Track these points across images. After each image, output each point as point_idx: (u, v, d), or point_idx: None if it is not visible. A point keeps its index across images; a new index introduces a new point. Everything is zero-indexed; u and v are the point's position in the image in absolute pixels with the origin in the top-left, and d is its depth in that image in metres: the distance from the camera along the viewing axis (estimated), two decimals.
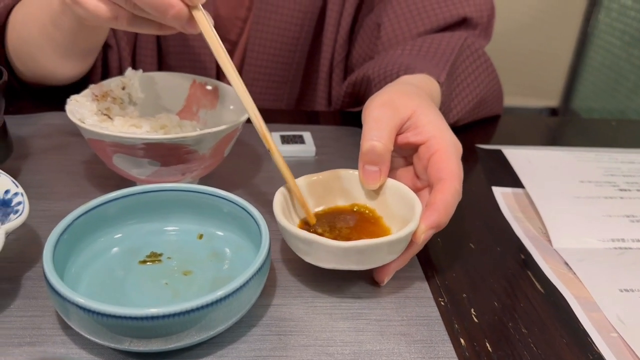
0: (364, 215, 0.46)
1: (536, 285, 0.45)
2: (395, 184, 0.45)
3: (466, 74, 0.67)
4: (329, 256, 0.39)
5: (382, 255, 0.40)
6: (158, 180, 0.48)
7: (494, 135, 0.72)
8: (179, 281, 0.40)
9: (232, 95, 0.55)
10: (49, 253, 0.36)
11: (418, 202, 0.42)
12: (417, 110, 0.46)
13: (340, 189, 0.47)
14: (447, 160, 0.43)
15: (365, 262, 0.39)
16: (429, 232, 0.41)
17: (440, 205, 0.41)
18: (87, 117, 0.47)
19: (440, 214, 0.41)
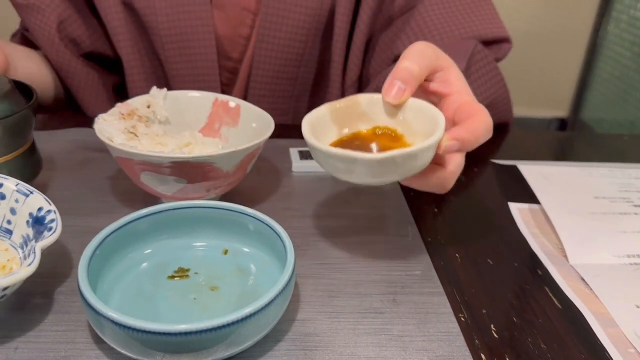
0: (387, 136, 0.46)
1: (554, 301, 0.46)
2: (416, 102, 0.45)
3: (477, 75, 0.69)
4: (365, 170, 0.40)
5: (414, 164, 0.41)
6: (183, 196, 0.50)
7: (507, 149, 0.73)
8: (206, 296, 0.41)
9: (254, 112, 0.56)
10: (83, 269, 0.38)
11: (441, 114, 0.43)
12: (450, 67, 0.47)
13: (361, 114, 0.47)
14: (477, 106, 0.45)
15: (398, 173, 0.41)
16: (452, 142, 0.42)
17: (469, 126, 0.42)
18: (115, 136, 0.49)
19: (466, 131, 0.42)
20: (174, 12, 0.72)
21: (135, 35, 0.75)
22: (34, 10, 0.73)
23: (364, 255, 0.49)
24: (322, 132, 0.46)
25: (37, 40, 0.76)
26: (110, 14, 0.74)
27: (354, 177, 0.42)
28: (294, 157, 0.63)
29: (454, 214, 0.56)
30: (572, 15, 2.16)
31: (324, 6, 0.75)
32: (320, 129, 0.46)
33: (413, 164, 0.41)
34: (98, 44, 0.78)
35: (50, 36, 0.74)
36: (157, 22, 0.72)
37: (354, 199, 0.58)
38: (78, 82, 0.77)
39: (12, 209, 0.44)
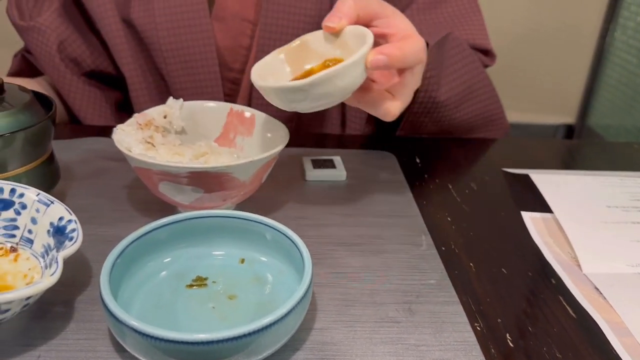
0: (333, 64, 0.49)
1: (568, 310, 0.46)
2: (355, 28, 0.49)
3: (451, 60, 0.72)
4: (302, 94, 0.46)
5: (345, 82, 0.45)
6: (200, 206, 0.50)
7: (518, 158, 0.73)
8: (225, 305, 0.42)
9: (269, 122, 0.57)
10: (105, 278, 0.38)
11: (369, 32, 0.47)
12: (395, 14, 0.51)
13: (312, 52, 0.51)
14: (414, 33, 0.49)
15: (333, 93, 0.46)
16: (379, 57, 0.46)
17: (397, 43, 0.47)
18: (133, 146, 0.50)
19: (394, 47, 0.46)
20: (174, 26, 0.73)
21: (137, 52, 0.77)
22: (34, 32, 0.74)
23: (379, 264, 0.49)
24: (278, 75, 0.49)
25: (38, 61, 0.77)
26: (110, 32, 0.75)
27: (300, 105, 0.47)
28: (307, 166, 0.64)
29: (467, 223, 0.57)
30: (578, 22, 2.17)
31: (322, 13, 0.75)
32: (276, 73, 0.50)
33: (344, 81, 0.45)
34: (99, 61, 0.79)
35: (51, 57, 0.75)
36: (158, 37, 0.73)
37: (368, 208, 0.58)
38: (80, 101, 0.78)
39: (33, 219, 0.45)
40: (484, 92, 0.76)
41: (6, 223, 0.45)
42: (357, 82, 0.47)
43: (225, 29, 0.76)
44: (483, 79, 0.76)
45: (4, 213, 0.45)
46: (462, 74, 0.73)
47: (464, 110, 0.75)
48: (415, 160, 0.69)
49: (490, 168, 0.69)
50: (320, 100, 0.47)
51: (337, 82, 0.45)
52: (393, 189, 0.62)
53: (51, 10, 0.75)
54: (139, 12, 0.73)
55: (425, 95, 0.70)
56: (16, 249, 0.45)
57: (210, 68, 0.75)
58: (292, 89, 0.46)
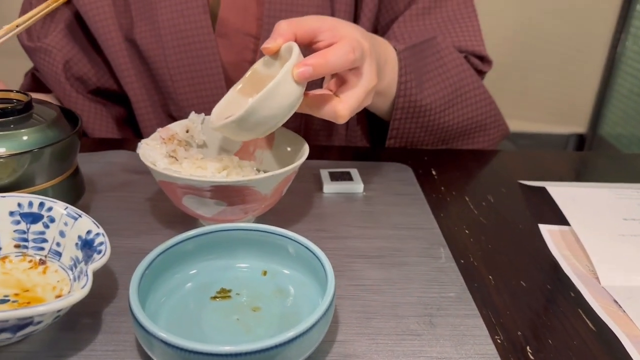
0: None
1: (587, 323, 0.46)
2: (287, 45, 0.51)
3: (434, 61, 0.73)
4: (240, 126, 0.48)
5: (276, 103, 0.47)
6: (222, 219, 0.51)
7: (533, 170, 0.73)
8: (249, 317, 0.43)
9: (288, 136, 0.58)
10: (134, 290, 0.39)
11: (295, 46, 0.49)
12: (338, 23, 0.53)
13: (263, 78, 0.53)
14: (344, 35, 0.51)
15: (270, 118, 0.48)
16: (303, 69, 0.48)
17: (321, 52, 0.49)
18: (157, 160, 0.51)
19: (316, 56, 0.49)
20: (180, 44, 0.75)
21: (140, 71, 0.79)
22: (41, 52, 0.77)
23: (399, 277, 0.50)
24: (239, 109, 0.50)
25: (45, 80, 0.80)
26: (114, 52, 0.77)
27: (255, 132, 0.50)
28: (325, 179, 0.65)
29: (485, 235, 0.57)
30: (590, 31, 2.17)
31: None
32: (239, 106, 0.51)
33: (278, 101, 0.47)
34: (104, 79, 0.81)
35: (57, 76, 0.78)
36: (165, 55, 0.75)
37: (385, 220, 0.59)
38: (87, 118, 0.81)
39: (61, 232, 0.46)
40: (474, 95, 0.77)
41: (35, 236, 0.46)
42: (294, 96, 0.48)
43: (229, 44, 0.77)
44: (472, 82, 0.76)
45: (33, 226, 0.46)
46: (447, 77, 0.74)
47: (453, 114, 0.75)
48: (432, 172, 0.70)
49: (506, 180, 0.69)
50: (268, 122, 0.49)
51: (272, 104, 0.47)
52: (410, 201, 0.63)
53: (57, 31, 0.78)
54: (143, 31, 0.76)
55: (405, 100, 0.71)
56: (45, 262, 0.46)
57: (216, 83, 0.77)
58: (234, 123, 0.48)
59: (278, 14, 0.74)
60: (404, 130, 0.75)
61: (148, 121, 0.81)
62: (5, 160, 0.47)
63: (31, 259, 0.46)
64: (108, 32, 0.76)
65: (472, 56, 0.79)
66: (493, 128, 0.81)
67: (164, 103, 0.80)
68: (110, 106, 0.84)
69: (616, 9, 2.15)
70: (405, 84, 0.70)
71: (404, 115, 0.73)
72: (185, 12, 0.74)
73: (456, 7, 0.79)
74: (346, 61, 0.50)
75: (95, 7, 0.75)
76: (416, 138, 0.77)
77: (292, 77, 0.48)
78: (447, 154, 0.76)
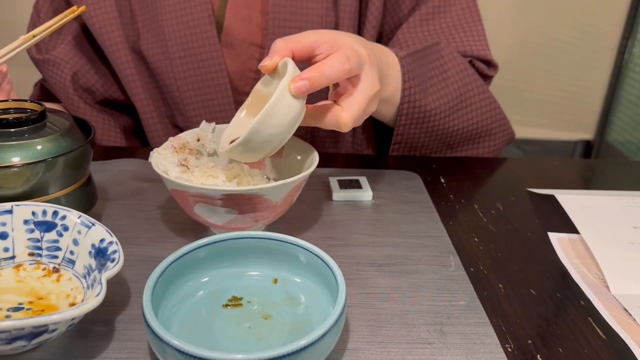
0: None
1: (598, 331, 0.46)
2: (283, 61, 0.51)
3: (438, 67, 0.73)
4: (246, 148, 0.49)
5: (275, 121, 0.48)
6: (233, 227, 0.52)
7: (542, 178, 0.73)
8: (260, 325, 0.43)
9: (298, 145, 0.58)
10: (147, 298, 0.39)
11: (290, 62, 0.50)
12: (337, 35, 0.53)
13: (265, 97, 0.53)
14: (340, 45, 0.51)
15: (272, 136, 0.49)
16: (299, 84, 0.48)
17: (315, 65, 0.50)
18: (170, 169, 0.51)
19: (311, 70, 0.49)
20: (187, 54, 0.76)
21: (147, 82, 0.80)
22: (49, 64, 0.79)
23: (409, 285, 0.50)
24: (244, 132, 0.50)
25: (53, 91, 0.81)
26: (121, 64, 0.78)
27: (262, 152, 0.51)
28: (334, 186, 0.65)
29: (495, 243, 0.57)
30: (597, 38, 2.17)
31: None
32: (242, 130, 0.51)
33: (279, 118, 0.48)
34: (112, 90, 0.83)
35: (65, 87, 0.79)
36: (172, 66, 0.77)
37: (394, 228, 0.59)
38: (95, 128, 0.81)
39: (75, 240, 0.46)
40: (479, 99, 0.77)
41: (49, 244, 0.47)
42: (294, 111, 0.49)
43: (235, 54, 0.78)
44: (477, 87, 0.76)
45: (47, 235, 0.47)
46: (451, 82, 0.74)
47: (458, 119, 0.75)
48: (440, 180, 0.70)
49: (515, 188, 0.70)
50: (273, 140, 0.49)
51: (273, 122, 0.48)
52: (419, 209, 0.63)
53: (65, 43, 0.79)
54: (150, 43, 0.77)
55: (409, 105, 0.71)
56: (59, 270, 0.47)
57: (222, 93, 0.78)
58: (239, 146, 0.49)
59: (282, 24, 0.75)
60: (409, 135, 0.75)
61: (155, 131, 0.82)
62: (19, 169, 0.48)
63: (45, 267, 0.47)
64: (115, 43, 0.77)
65: (477, 60, 0.79)
66: (498, 133, 0.80)
67: (170, 114, 0.81)
68: (118, 116, 0.85)
69: (623, 15, 2.15)
70: (409, 89, 0.70)
71: (408, 121, 0.73)
72: (191, 24, 0.75)
73: (460, 13, 0.79)
74: (342, 70, 0.50)
75: (102, 20, 0.77)
76: (421, 143, 0.77)
77: (290, 92, 0.48)
78: (456, 161, 0.76)
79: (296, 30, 0.76)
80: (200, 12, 0.75)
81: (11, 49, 0.59)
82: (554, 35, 2.14)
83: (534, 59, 2.17)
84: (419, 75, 0.71)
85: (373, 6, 0.76)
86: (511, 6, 2.06)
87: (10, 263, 0.47)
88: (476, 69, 0.79)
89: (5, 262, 0.47)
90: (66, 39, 0.80)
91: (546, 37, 2.14)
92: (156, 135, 0.83)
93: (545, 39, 2.14)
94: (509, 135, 0.82)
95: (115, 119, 0.85)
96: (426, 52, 0.73)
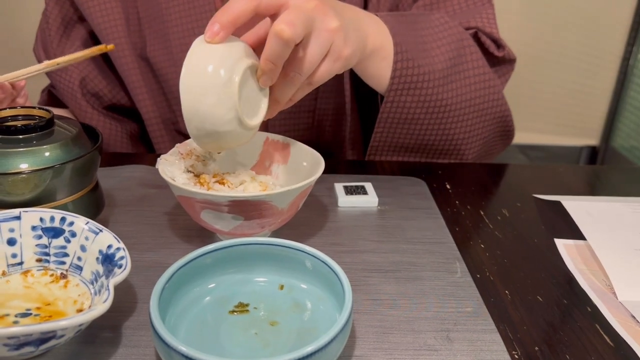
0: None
1: (605, 338, 0.46)
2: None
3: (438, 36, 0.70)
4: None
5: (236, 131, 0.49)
6: (239, 233, 0.52)
7: (548, 184, 0.73)
8: (267, 331, 0.43)
9: (304, 151, 0.58)
10: (155, 304, 0.39)
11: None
12: None
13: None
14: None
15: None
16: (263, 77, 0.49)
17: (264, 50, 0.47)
18: (177, 175, 0.51)
19: (262, 56, 0.48)
20: None
21: (153, 89, 0.81)
22: (58, 70, 0.80)
23: (415, 291, 0.50)
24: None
25: (61, 96, 0.82)
26: (127, 70, 0.80)
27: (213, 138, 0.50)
28: (340, 192, 0.65)
29: (501, 250, 0.57)
30: (601, 44, 2.17)
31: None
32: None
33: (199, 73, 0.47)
34: (119, 96, 0.84)
35: (73, 92, 0.80)
36: (178, 72, 0.76)
37: (400, 234, 0.59)
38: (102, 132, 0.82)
39: (82, 246, 0.47)
40: (475, 74, 0.72)
41: (56, 250, 0.47)
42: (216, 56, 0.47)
43: None
44: (474, 60, 0.72)
45: (55, 241, 0.47)
46: (446, 51, 0.70)
47: (451, 92, 0.70)
48: (446, 186, 0.70)
49: (521, 194, 0.69)
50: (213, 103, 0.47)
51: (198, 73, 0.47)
52: (425, 215, 0.63)
53: (73, 49, 0.80)
54: (156, 50, 0.78)
55: (403, 65, 0.66)
56: (66, 276, 0.47)
57: None
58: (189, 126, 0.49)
59: None
60: (400, 103, 0.69)
61: (160, 137, 0.83)
62: (27, 175, 0.48)
63: (52, 273, 0.47)
64: (121, 50, 0.78)
65: (483, 35, 0.75)
66: (495, 118, 0.76)
67: (175, 120, 0.82)
68: (125, 122, 0.86)
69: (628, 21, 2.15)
70: (401, 45, 0.65)
71: (401, 85, 0.67)
72: (197, 31, 0.76)
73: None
74: (280, 44, 0.47)
75: (109, 27, 0.78)
76: (411, 115, 0.71)
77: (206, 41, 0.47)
78: (461, 167, 0.76)
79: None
80: (206, 19, 0.75)
81: (34, 70, 0.63)
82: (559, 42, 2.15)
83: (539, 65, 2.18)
84: (408, 33, 0.67)
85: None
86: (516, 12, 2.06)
87: (18, 269, 0.47)
88: (481, 43, 0.75)
89: (13, 268, 0.47)
90: (75, 44, 0.81)
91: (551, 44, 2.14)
92: (161, 141, 0.83)
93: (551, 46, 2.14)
94: (506, 127, 0.77)
95: (122, 125, 0.85)
96: (416, 18, 0.70)
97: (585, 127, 2.33)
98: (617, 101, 2.26)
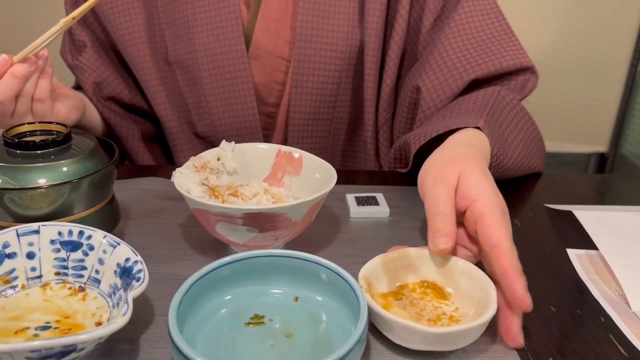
0: (433, 290, 0.49)
1: (619, 348, 0.46)
2: (465, 265, 0.49)
3: (507, 121, 0.70)
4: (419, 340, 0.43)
5: (464, 339, 0.43)
6: (253, 245, 0.53)
7: (560, 193, 0.73)
8: (283, 343, 0.44)
9: (316, 163, 0.59)
10: (173, 316, 0.40)
11: (491, 284, 0.46)
12: (461, 176, 0.51)
13: (410, 265, 0.51)
14: (493, 224, 0.48)
15: (449, 344, 0.43)
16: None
17: (510, 271, 0.46)
18: (192, 188, 0.52)
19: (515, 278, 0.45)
20: (215, 66, 0.79)
21: (173, 93, 0.83)
22: (77, 70, 0.82)
23: None
24: (375, 280, 0.49)
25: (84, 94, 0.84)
26: (147, 74, 0.81)
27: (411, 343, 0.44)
28: (351, 203, 0.66)
29: None
30: (609, 50, 2.17)
31: (353, 49, 0.79)
32: (374, 278, 0.49)
33: (465, 338, 0.43)
34: (137, 99, 0.86)
35: (88, 94, 0.82)
36: (201, 77, 0.79)
37: (412, 244, 0.59)
38: (119, 132, 0.84)
39: (100, 260, 0.47)
40: (536, 148, 0.75)
41: (75, 264, 0.48)
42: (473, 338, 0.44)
43: (261, 66, 0.80)
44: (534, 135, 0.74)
45: (73, 254, 0.48)
46: (517, 135, 0.70)
47: (520, 167, 0.72)
48: None
49: (532, 204, 0.70)
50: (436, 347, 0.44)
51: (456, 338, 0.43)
52: None
53: (88, 48, 0.81)
54: (180, 54, 0.79)
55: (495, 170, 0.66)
56: (84, 289, 0.47)
57: (248, 104, 0.80)
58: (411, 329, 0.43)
59: (309, 38, 0.77)
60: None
61: (177, 140, 0.85)
62: (45, 190, 0.49)
63: (71, 286, 0.48)
64: (142, 55, 0.80)
65: (516, 75, 0.77)
66: (540, 164, 0.79)
67: (193, 124, 0.83)
68: (141, 123, 0.87)
69: (635, 28, 2.15)
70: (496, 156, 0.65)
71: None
72: (221, 37, 0.77)
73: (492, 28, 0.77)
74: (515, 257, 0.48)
75: (130, 32, 0.79)
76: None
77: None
78: None
79: (323, 45, 0.78)
80: (231, 26, 0.77)
81: (53, 32, 0.60)
82: (566, 49, 2.15)
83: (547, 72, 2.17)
84: (500, 138, 0.66)
85: (399, 26, 0.77)
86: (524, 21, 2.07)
87: (38, 282, 0.48)
88: (514, 85, 0.76)
89: (33, 282, 0.48)
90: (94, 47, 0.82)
91: (559, 51, 2.14)
92: (178, 143, 0.85)
93: (558, 53, 2.14)
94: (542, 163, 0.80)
95: (139, 125, 0.87)
96: (494, 108, 0.69)
97: (593, 134, 2.32)
98: (625, 108, 2.26)
